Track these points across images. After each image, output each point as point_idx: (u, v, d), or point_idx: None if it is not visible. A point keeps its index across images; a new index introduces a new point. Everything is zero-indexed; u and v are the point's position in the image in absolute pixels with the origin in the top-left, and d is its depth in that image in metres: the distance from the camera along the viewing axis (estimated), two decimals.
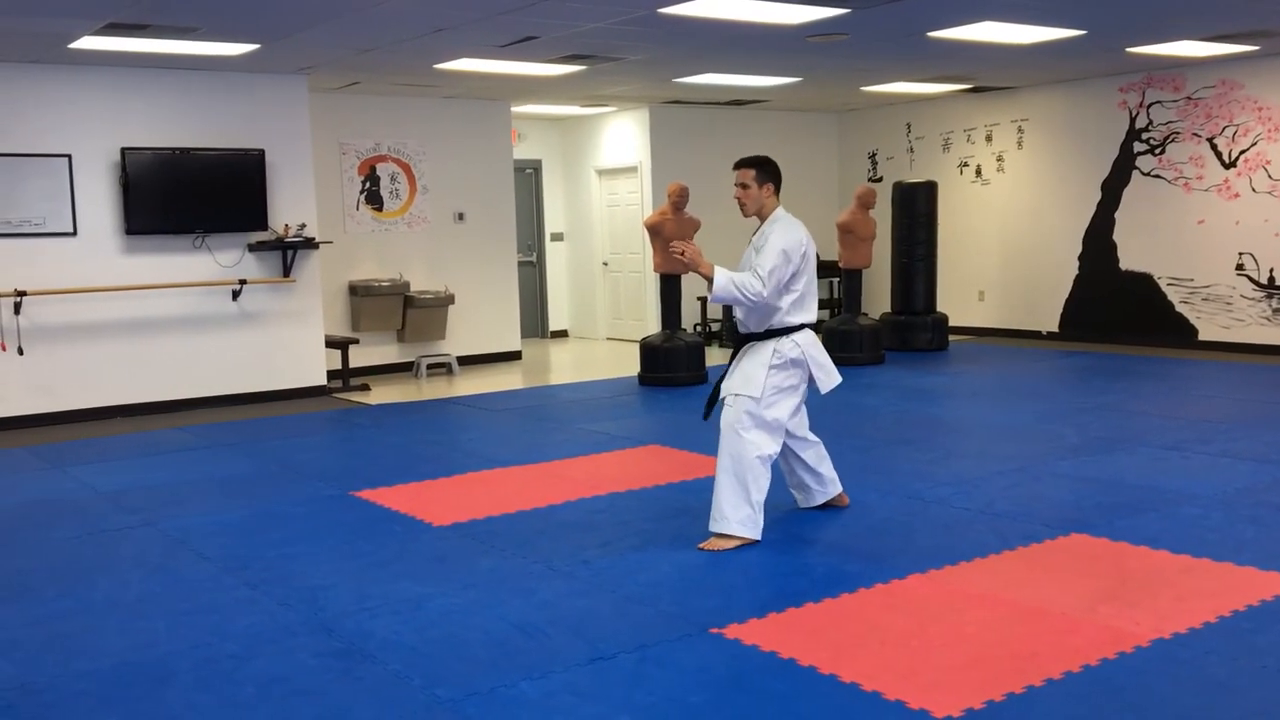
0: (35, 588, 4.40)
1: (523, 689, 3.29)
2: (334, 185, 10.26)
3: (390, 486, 5.96)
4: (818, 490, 5.11)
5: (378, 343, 10.54)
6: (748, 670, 3.39)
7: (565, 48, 8.12)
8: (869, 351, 10.17)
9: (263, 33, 7.30)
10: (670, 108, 12.07)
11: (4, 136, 8.02)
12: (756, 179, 4.73)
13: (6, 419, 8.11)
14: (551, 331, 13.31)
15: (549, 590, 4.19)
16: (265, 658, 3.60)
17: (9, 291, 7.97)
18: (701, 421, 5.13)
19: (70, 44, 7.39)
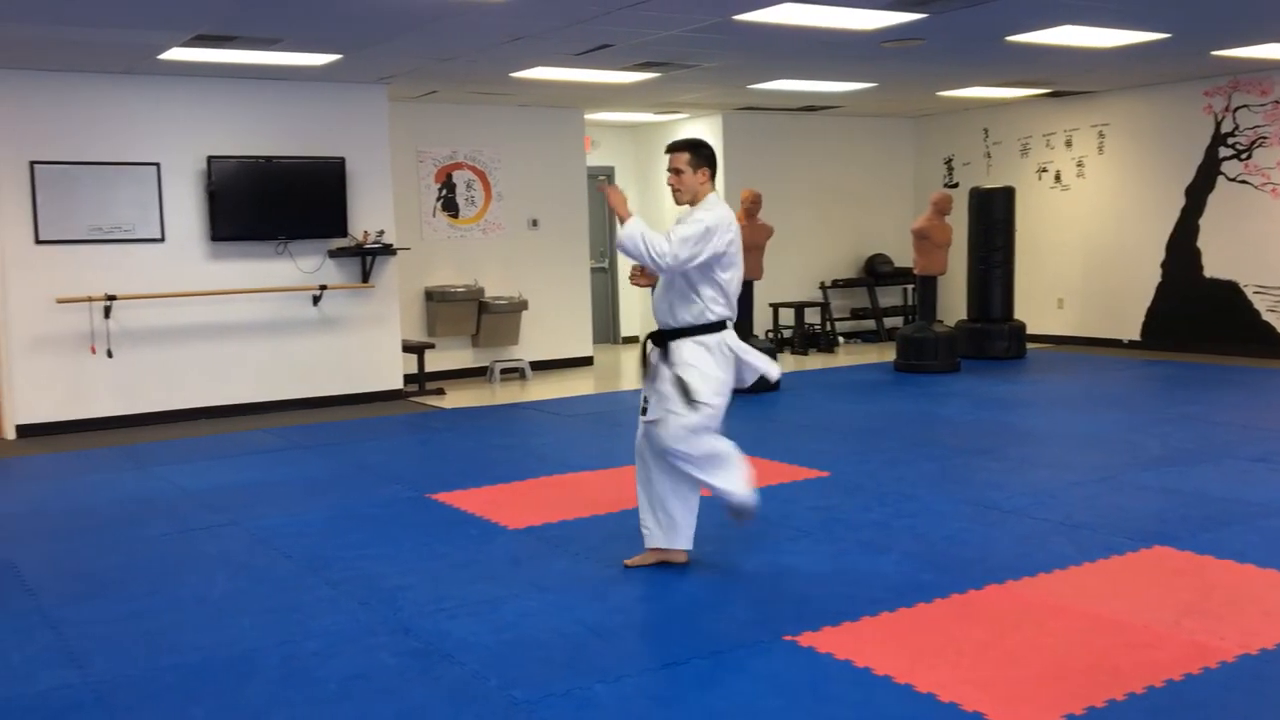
0: (126, 583, 4.54)
1: (597, 691, 3.32)
2: (411, 192, 10.43)
3: (465, 489, 6.04)
4: (648, 529, 4.53)
5: (453, 347, 10.68)
6: (822, 678, 3.38)
7: (639, 55, 8.16)
8: (943, 359, 10.06)
9: (345, 43, 7.45)
10: (743, 114, 12.07)
11: (97, 145, 8.29)
12: (690, 163, 4.34)
13: (97, 419, 8.37)
14: (623, 337, 13.37)
15: (622, 594, 4.22)
16: (346, 656, 3.68)
17: (100, 296, 8.23)
18: (770, 429, 5.12)
19: (160, 55, 7.61)
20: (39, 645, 3.86)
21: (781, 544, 4.81)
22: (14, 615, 4.19)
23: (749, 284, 9.40)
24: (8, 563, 4.88)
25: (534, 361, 11.00)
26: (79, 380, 8.31)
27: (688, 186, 4.37)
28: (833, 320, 12.48)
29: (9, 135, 8.00)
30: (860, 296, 13.10)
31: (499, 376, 10.61)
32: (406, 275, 10.20)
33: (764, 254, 9.39)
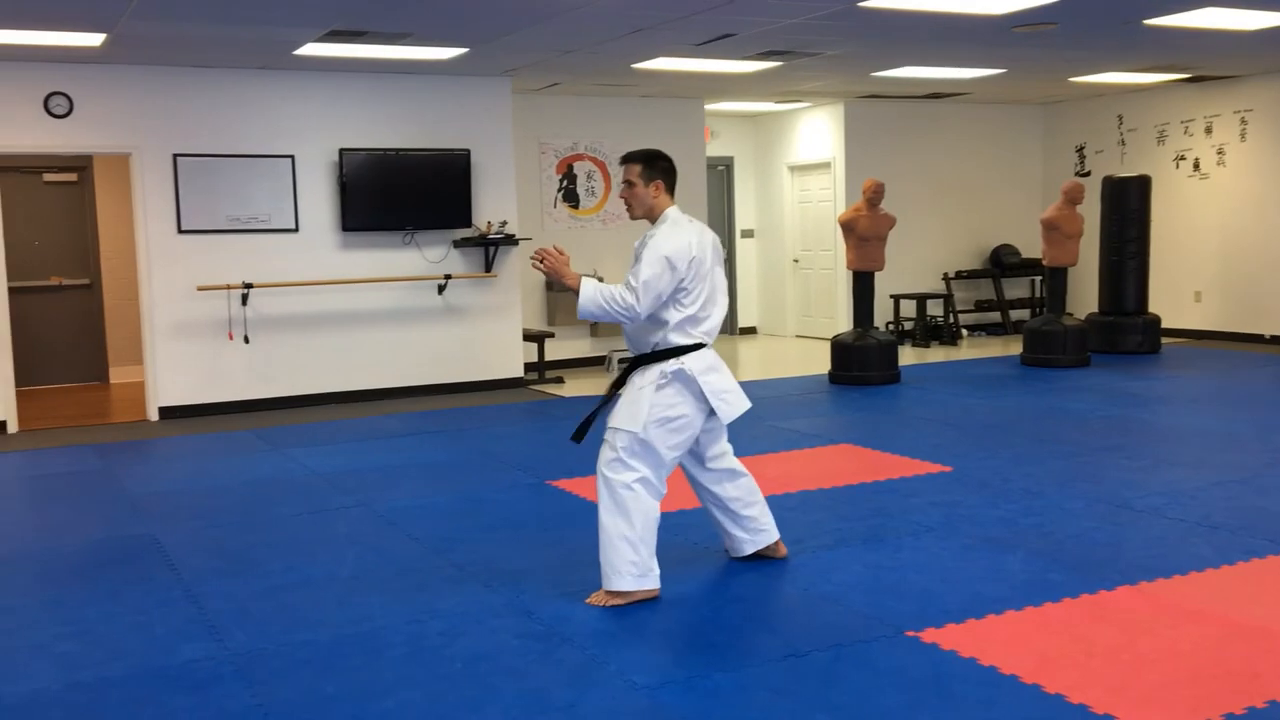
0: (262, 560, 4.72)
1: (717, 680, 3.33)
2: (533, 183, 10.56)
3: (584, 477, 6.09)
4: (743, 538, 4.41)
5: (571, 337, 10.80)
6: (945, 675, 3.33)
7: (762, 44, 8.11)
8: (1073, 353, 9.76)
9: (471, 37, 7.59)
10: (866, 102, 11.89)
11: (235, 138, 8.61)
12: (642, 175, 4.06)
13: (233, 403, 8.71)
14: (740, 328, 13.33)
15: (741, 585, 4.22)
16: (470, 636, 3.76)
17: (237, 284, 8.55)
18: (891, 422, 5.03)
19: (295, 51, 7.87)
20: (181, 618, 4.05)
21: (903, 539, 4.74)
22: (158, 589, 4.39)
23: (869, 275, 9.28)
24: (152, 539, 5.12)
25: None
26: (217, 365, 8.66)
27: (640, 200, 4.09)
28: (956, 312, 12.22)
29: (154, 129, 8.36)
30: (985, 288, 12.80)
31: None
32: (527, 266, 10.33)
33: (885, 244, 9.25)
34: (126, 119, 8.29)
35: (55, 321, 10.29)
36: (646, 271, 3.90)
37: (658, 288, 3.92)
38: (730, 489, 4.36)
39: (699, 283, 4.02)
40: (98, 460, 7.04)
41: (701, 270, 4.02)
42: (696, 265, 3.99)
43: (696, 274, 4.00)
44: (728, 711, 3.12)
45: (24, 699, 3.37)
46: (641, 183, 4.07)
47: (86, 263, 10.43)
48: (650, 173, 4.07)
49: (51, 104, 8.06)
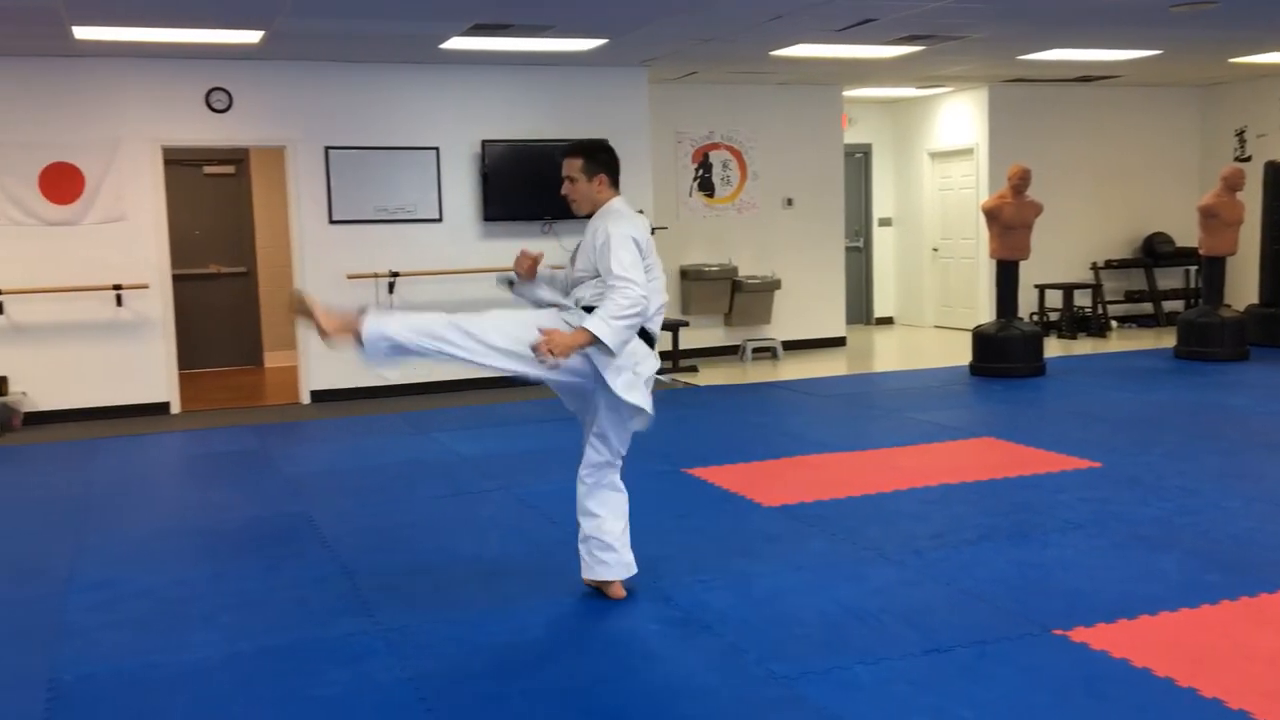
0: (410, 539, 4.88)
1: (857, 672, 3.31)
2: (669, 173, 10.60)
3: (719, 465, 6.12)
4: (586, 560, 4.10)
5: (706, 326, 10.81)
6: (1096, 676, 3.24)
7: (904, 28, 7.96)
8: (1230, 346, 9.32)
9: (612, 28, 7.65)
10: (1011, 86, 11.55)
11: (384, 131, 8.88)
12: (584, 170, 3.91)
13: (381, 388, 9.00)
14: (877, 318, 13.13)
15: (880, 577, 4.18)
16: (610, 620, 3.83)
17: (385, 273, 8.83)
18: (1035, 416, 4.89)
19: (441, 45, 8.06)
20: (335, 593, 4.22)
21: (1050, 536, 4.62)
22: (313, 564, 4.58)
23: (1014, 264, 9.04)
24: (306, 517, 5.34)
25: (786, 341, 10.98)
26: None
27: (582, 195, 3.94)
28: (1105, 303, 11.79)
29: (308, 122, 8.69)
30: (1136, 278, 12.31)
31: (751, 355, 10.66)
32: (662, 254, 10.26)
33: (1031, 233, 8.98)
34: (282, 113, 8.63)
35: (214, 308, 10.79)
36: (622, 256, 3.72)
37: (639, 264, 3.76)
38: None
39: (649, 268, 3.85)
40: (254, 440, 7.37)
41: (650, 259, 3.87)
42: (648, 252, 3.84)
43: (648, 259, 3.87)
44: (868, 704, 3.10)
45: (191, 666, 3.56)
46: (584, 177, 3.92)
47: (243, 251, 10.91)
48: (592, 166, 3.92)
49: (212, 99, 8.45)
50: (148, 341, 8.44)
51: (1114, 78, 11.30)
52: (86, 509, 5.67)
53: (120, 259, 8.28)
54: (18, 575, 4.59)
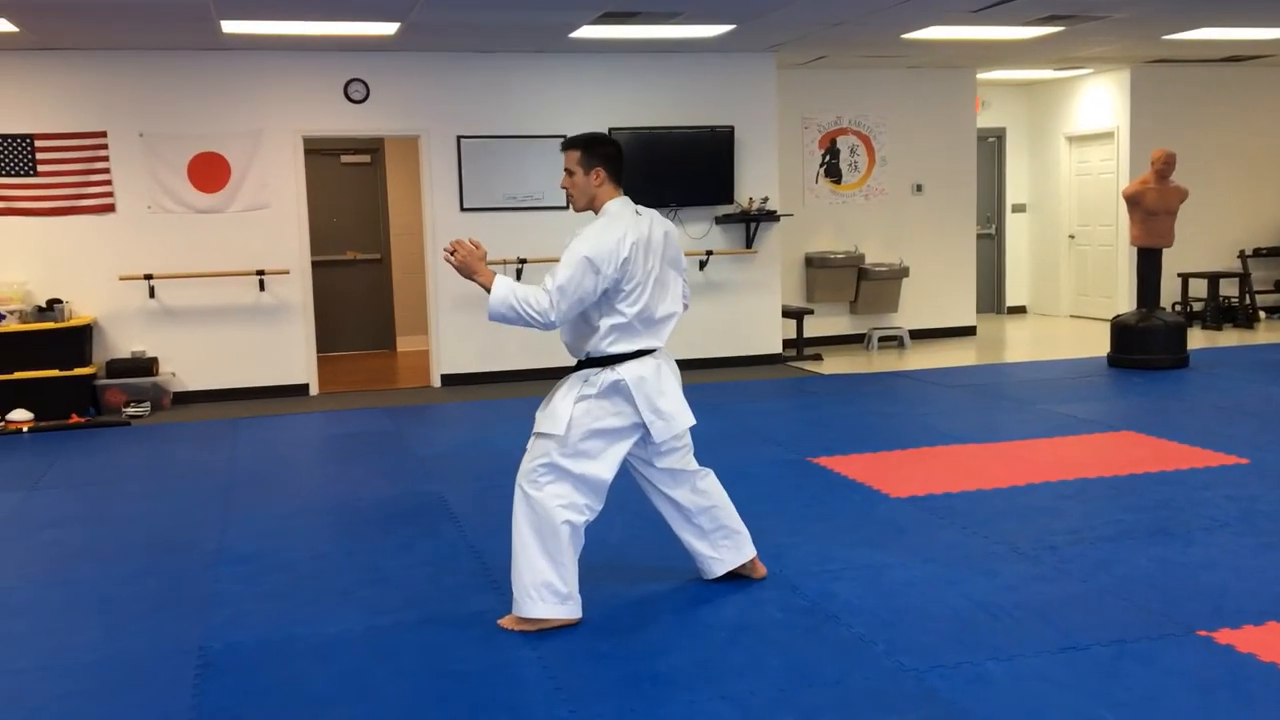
0: None
1: (989, 668, 3.25)
2: (795, 159, 10.50)
3: (845, 455, 6.05)
4: (709, 556, 3.98)
5: (831, 314, 10.69)
6: (1244, 679, 3.11)
7: (1044, 8, 7.72)
8: None
9: (740, 13, 7.61)
10: (1155, 67, 11.10)
11: (513, 120, 9.01)
12: (581, 163, 3.70)
13: (508, 372, 9.13)
14: (1009, 307, 12.78)
15: (1013, 572, 4.08)
16: (736, 607, 3.83)
17: (513, 259, 8.97)
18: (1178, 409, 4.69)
19: (570, 34, 8.14)
20: (467, 571, 4.32)
21: (1194, 534, 4.45)
22: (445, 543, 4.70)
23: (1156, 252, 8.70)
24: (439, 496, 5.48)
25: (913, 330, 10.79)
26: (494, 336, 9.11)
27: (580, 190, 3.73)
28: (1253, 292, 11.26)
29: (441, 112, 8.87)
30: None
31: (877, 344, 10.50)
32: (787, 241, 10.31)
33: (1175, 219, 8.63)
34: (416, 103, 8.84)
35: (349, 293, 11.13)
36: (563, 274, 3.53)
37: (577, 293, 3.54)
38: (687, 494, 3.93)
39: (638, 283, 3.64)
40: (388, 422, 7.58)
41: (640, 270, 3.64)
42: (631, 265, 3.61)
43: (631, 274, 3.62)
44: (1001, 700, 3.04)
45: (332, 638, 3.69)
46: (581, 170, 3.72)
47: (378, 238, 11.21)
48: (589, 159, 3.71)
49: (350, 90, 8.70)
50: (288, 325, 8.75)
51: (1266, 57, 10.75)
52: (231, 485, 5.92)
53: (263, 245, 8.60)
54: (169, 547, 4.82)
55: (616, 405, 3.70)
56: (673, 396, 3.77)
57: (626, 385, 3.68)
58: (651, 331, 3.75)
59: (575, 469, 3.69)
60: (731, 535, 3.99)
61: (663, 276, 3.78)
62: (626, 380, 3.68)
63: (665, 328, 3.80)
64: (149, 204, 8.37)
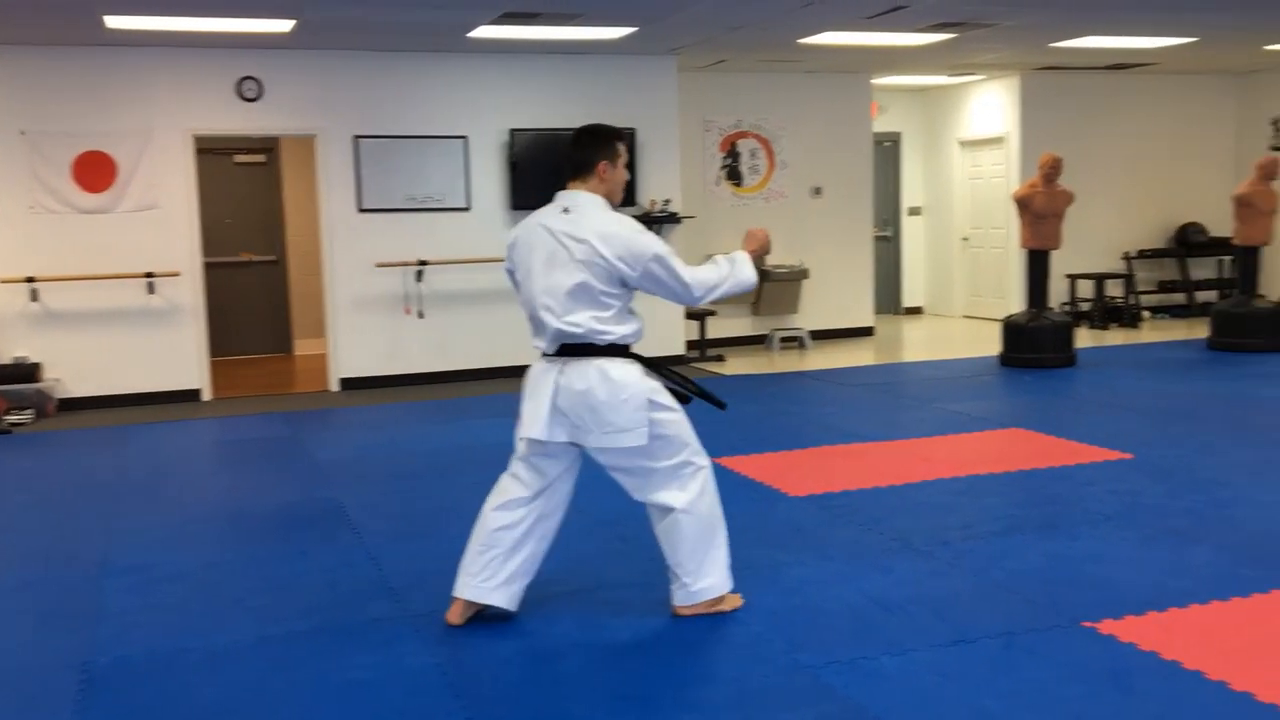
0: (440, 526, 4.90)
1: (883, 663, 3.31)
2: (696, 161, 10.58)
3: (747, 455, 6.11)
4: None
5: (733, 315, 10.78)
6: (1125, 668, 3.22)
7: (935, 15, 7.90)
8: (1265, 337, 9.22)
9: (641, 16, 7.64)
10: (1043, 74, 11.45)
11: (412, 120, 8.91)
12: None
13: (410, 375, 9.04)
14: (905, 308, 13.06)
15: (908, 568, 4.17)
16: (638, 608, 3.83)
17: (413, 261, 8.86)
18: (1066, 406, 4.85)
19: (469, 33, 8.07)
20: (365, 579, 4.25)
21: (1080, 528, 4.59)
22: (343, 550, 4.62)
23: (1045, 254, 8.96)
24: (334, 501, 5.38)
25: (813, 330, 10.95)
26: (394, 338, 9.00)
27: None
28: (1137, 293, 11.68)
29: (337, 111, 8.72)
30: (1169, 268, 12.19)
31: (778, 345, 10.63)
32: (690, 243, 10.34)
33: (1062, 222, 8.91)
34: (312, 102, 8.68)
35: (244, 295, 10.88)
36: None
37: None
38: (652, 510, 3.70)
39: (522, 281, 3.68)
40: (285, 427, 7.43)
41: (521, 267, 3.66)
42: (516, 259, 3.69)
43: (516, 268, 3.70)
44: (894, 694, 3.10)
45: (223, 649, 3.60)
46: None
47: (273, 239, 10.98)
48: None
49: (243, 88, 8.50)
50: (179, 328, 8.52)
51: (1148, 65, 11.18)
52: (120, 494, 5.74)
53: (152, 247, 8.35)
54: (52, 559, 4.65)
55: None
56: (530, 403, 3.67)
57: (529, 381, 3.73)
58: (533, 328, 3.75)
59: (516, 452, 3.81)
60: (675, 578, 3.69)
61: (541, 277, 3.68)
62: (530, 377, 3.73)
63: (539, 332, 3.71)
64: (30, 204, 8.07)
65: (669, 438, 3.61)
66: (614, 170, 3.70)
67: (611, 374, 3.52)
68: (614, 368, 3.54)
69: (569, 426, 3.57)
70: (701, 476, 3.69)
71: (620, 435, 3.51)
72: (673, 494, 3.62)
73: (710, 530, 3.69)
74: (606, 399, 3.50)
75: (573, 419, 3.55)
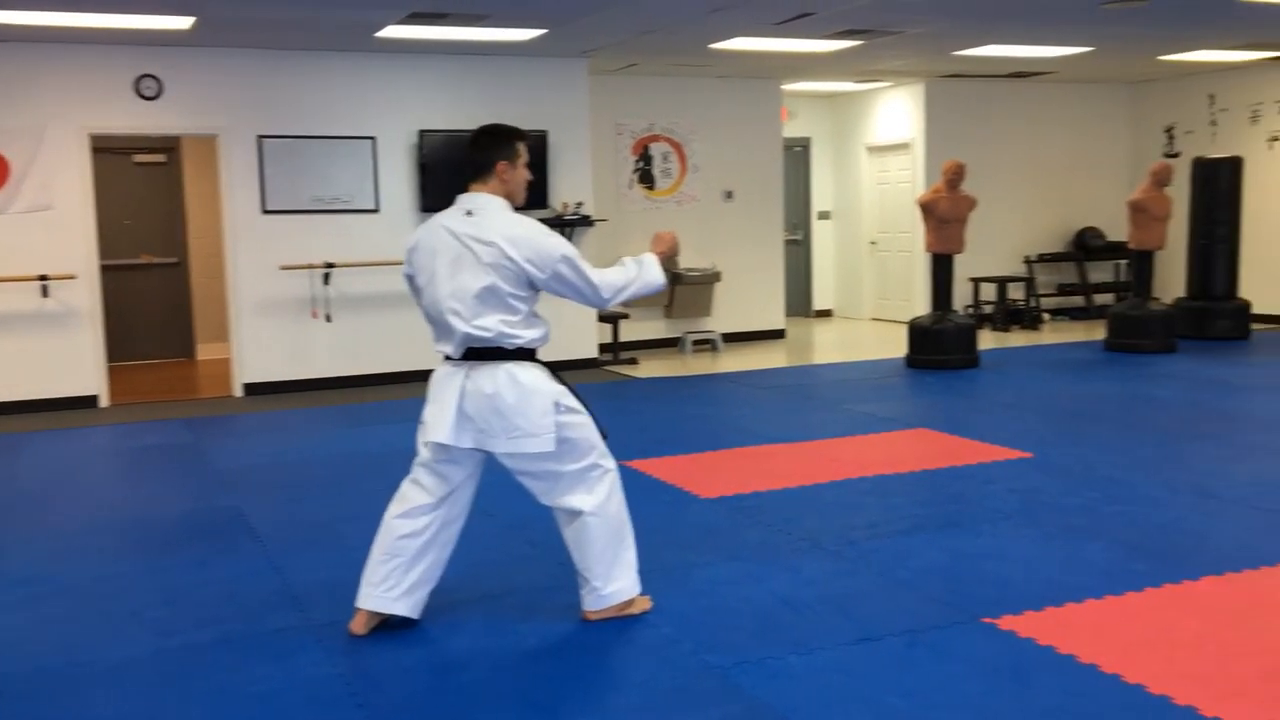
0: (344, 534, 4.80)
1: (790, 662, 3.33)
2: (609, 165, 10.58)
3: (659, 458, 6.12)
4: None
5: (646, 318, 10.81)
6: (1023, 663, 3.29)
7: (842, 23, 8.02)
8: (1159, 338, 9.53)
9: (551, 18, 7.61)
10: (947, 81, 11.69)
11: (319, 121, 8.76)
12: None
13: (317, 380, 8.89)
14: (816, 311, 13.23)
15: (815, 568, 4.21)
16: (545, 614, 3.80)
17: (320, 263, 8.71)
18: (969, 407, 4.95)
19: (377, 33, 7.97)
20: (266, 588, 4.16)
21: (981, 526, 4.69)
22: (244, 559, 4.52)
23: (949, 258, 9.15)
24: (236, 510, 5.26)
25: (726, 333, 11.03)
26: (300, 342, 8.83)
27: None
28: (1038, 296, 11.99)
29: (240, 111, 8.54)
30: (1068, 272, 12.54)
31: (691, 347, 10.69)
32: (603, 246, 10.35)
33: (966, 226, 9.10)
34: (214, 101, 8.47)
35: (144, 299, 10.58)
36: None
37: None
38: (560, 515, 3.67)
39: (424, 285, 3.61)
40: (186, 434, 7.24)
41: (423, 271, 3.60)
42: (417, 263, 3.62)
43: (418, 272, 3.63)
44: (800, 693, 3.12)
45: (118, 663, 3.49)
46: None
47: (174, 242, 10.70)
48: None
49: (142, 86, 8.27)
50: (75, 333, 8.24)
51: (1047, 74, 11.49)
52: (10, 505, 5.53)
53: (46, 249, 8.08)
54: None
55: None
56: (432, 407, 3.62)
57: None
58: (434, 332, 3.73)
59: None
60: (584, 582, 3.68)
61: (445, 280, 3.60)
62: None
63: (441, 336, 3.67)
64: None
65: (576, 440, 3.60)
66: (514, 170, 3.65)
67: (520, 378, 3.49)
68: (522, 371, 3.51)
69: (474, 431, 3.52)
70: (609, 479, 3.68)
71: (527, 440, 3.48)
72: (581, 497, 3.61)
73: (619, 533, 3.69)
74: (514, 403, 3.46)
75: (479, 423, 3.50)
